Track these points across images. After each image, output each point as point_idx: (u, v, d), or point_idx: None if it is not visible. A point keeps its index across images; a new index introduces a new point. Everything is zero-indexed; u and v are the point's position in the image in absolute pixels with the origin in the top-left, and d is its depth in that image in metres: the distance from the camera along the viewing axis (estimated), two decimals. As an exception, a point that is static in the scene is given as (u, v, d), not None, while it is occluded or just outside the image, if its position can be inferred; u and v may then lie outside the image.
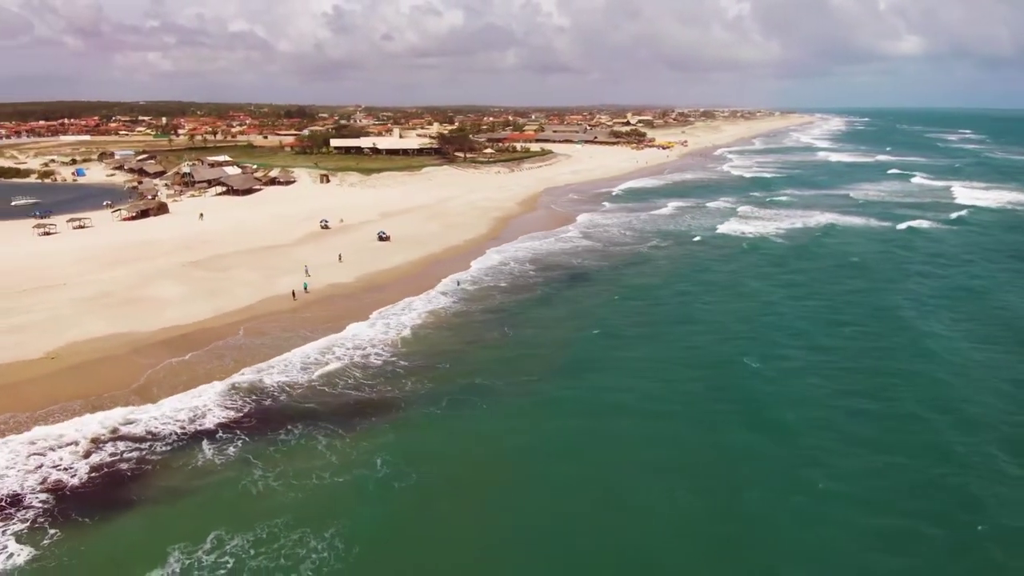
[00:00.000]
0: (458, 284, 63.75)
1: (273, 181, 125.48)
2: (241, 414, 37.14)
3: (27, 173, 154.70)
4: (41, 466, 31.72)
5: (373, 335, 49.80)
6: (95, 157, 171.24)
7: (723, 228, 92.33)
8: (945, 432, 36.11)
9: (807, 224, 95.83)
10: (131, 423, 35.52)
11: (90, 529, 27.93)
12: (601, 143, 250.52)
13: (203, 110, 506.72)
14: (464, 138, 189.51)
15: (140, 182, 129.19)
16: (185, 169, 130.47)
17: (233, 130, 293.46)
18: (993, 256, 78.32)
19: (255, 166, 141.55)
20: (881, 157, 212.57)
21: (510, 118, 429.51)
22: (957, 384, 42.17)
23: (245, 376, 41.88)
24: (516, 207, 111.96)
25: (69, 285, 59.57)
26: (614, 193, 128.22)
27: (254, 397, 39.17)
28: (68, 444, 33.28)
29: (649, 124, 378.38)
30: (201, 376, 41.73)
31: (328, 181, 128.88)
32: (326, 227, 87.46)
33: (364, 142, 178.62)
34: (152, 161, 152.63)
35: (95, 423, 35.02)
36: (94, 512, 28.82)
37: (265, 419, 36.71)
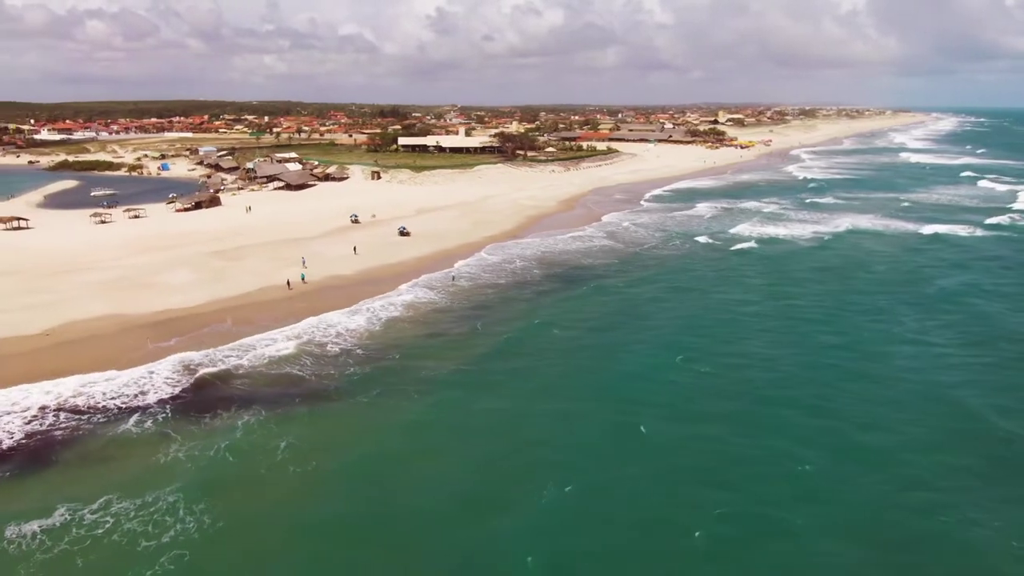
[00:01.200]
0: (453, 280, 65.15)
1: (328, 177, 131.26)
2: (182, 391, 39.93)
3: (119, 167, 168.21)
4: (-14, 427, 35.44)
5: (344, 324, 51.93)
6: (183, 153, 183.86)
7: (736, 229, 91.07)
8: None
9: (824, 228, 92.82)
10: (80, 394, 38.93)
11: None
12: (676, 142, 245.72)
13: (308, 110, 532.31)
14: (523, 137, 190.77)
15: (209, 176, 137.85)
16: (249, 165, 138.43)
17: (322, 129, 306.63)
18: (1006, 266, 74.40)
19: (317, 162, 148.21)
20: (967, 159, 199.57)
21: (599, 116, 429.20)
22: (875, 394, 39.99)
23: (202, 355, 44.85)
24: (555, 205, 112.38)
25: (95, 269, 65.10)
26: (658, 194, 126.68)
27: (201, 376, 41.90)
28: (20, 410, 36.91)
29: (740, 123, 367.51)
30: (162, 352, 45.11)
31: (379, 178, 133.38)
32: (356, 221, 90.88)
33: (428, 140, 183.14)
34: (229, 157, 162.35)
35: (49, 392, 38.65)
36: (11, 470, 32.06)
37: (201, 398, 39.31)
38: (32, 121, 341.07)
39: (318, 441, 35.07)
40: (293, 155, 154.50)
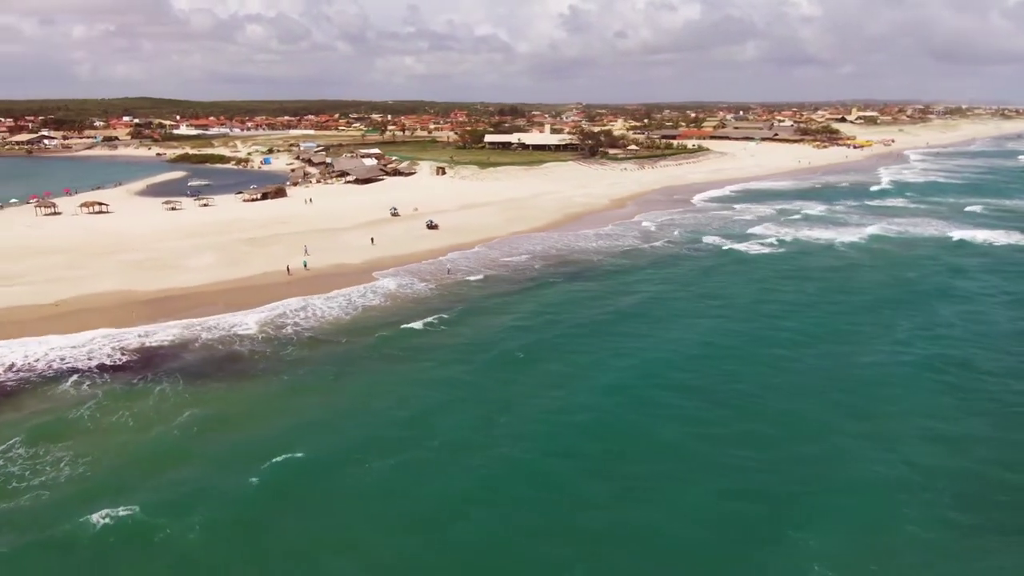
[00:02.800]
0: (448, 272, 67.03)
1: (396, 172, 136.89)
2: (128, 359, 44.33)
3: (229, 160, 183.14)
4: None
5: (316, 309, 54.97)
6: (288, 149, 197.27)
7: (757, 230, 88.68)
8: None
9: (847, 235, 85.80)
10: (48, 354, 44.46)
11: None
12: (782, 141, 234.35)
13: (435, 108, 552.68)
14: (606, 134, 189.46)
15: (293, 170, 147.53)
16: (328, 160, 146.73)
17: (431, 127, 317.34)
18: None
19: (396, 158, 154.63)
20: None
21: (722, 114, 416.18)
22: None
23: (167, 328, 49.46)
24: (606, 203, 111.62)
25: (135, 251, 72.48)
26: (720, 194, 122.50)
27: (149, 346, 46.27)
28: (-8, 366, 42.70)
29: (872, 121, 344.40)
30: (142, 320, 50.37)
31: (443, 173, 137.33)
32: (395, 215, 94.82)
33: (512, 138, 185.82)
34: (322, 153, 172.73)
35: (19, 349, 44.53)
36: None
37: (137, 365, 43.39)
38: (177, 117, 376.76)
39: (217, 411, 37.92)
40: (375, 151, 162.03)
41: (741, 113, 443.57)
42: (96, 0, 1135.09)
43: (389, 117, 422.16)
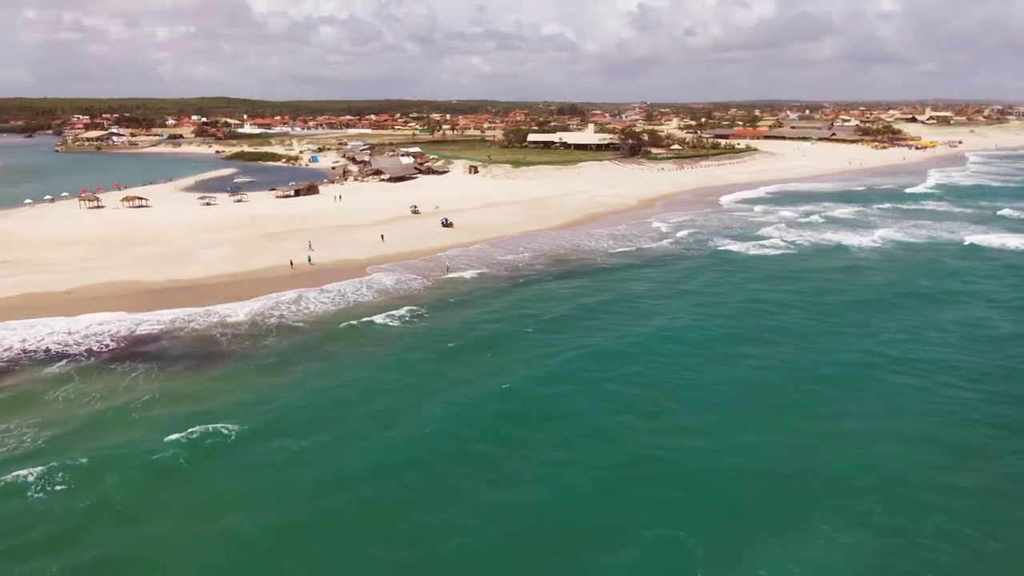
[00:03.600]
0: (447, 269, 68.14)
1: (430, 171, 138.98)
2: (115, 345, 46.99)
3: (280, 157, 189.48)
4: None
5: (308, 301, 56.74)
6: (336, 147, 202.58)
7: (770, 231, 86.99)
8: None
9: (856, 236, 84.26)
10: (49, 336, 47.69)
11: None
12: (839, 141, 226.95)
13: (496, 108, 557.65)
14: (643, 133, 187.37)
15: (333, 168, 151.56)
16: (365, 158, 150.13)
17: (485, 127, 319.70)
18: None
19: (434, 156, 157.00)
20: None
21: (786, 113, 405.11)
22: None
23: (157, 316, 52.12)
24: (634, 203, 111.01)
25: (157, 243, 76.29)
26: (752, 195, 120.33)
27: (138, 335, 48.84)
28: (-7, 346, 46.02)
29: (946, 121, 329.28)
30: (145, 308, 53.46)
31: (476, 172, 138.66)
32: (416, 212, 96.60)
33: (554, 137, 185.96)
34: (367, 151, 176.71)
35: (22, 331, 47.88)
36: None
37: (129, 351, 46.03)
38: (245, 116, 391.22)
39: (176, 390, 40.02)
40: (415, 150, 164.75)
41: (807, 112, 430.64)
42: (179, 3, 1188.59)
43: (448, 116, 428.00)
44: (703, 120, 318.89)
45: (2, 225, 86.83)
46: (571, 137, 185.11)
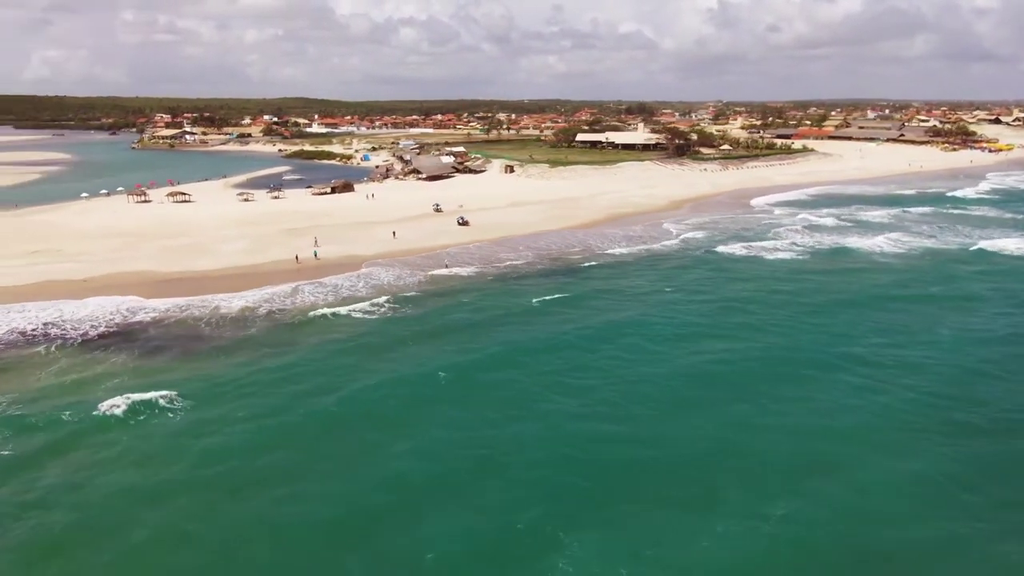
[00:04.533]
0: (446, 265, 69.50)
1: (467, 170, 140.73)
2: (109, 328, 50.36)
3: (334, 156, 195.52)
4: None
5: (302, 293, 59.11)
6: (389, 147, 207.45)
7: (783, 231, 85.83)
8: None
9: (870, 240, 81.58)
10: (55, 318, 51.69)
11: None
12: (907, 142, 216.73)
13: (567, 108, 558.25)
14: (691, 133, 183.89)
15: (377, 167, 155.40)
16: (407, 157, 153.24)
17: (543, 126, 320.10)
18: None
19: (478, 156, 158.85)
20: None
21: (868, 112, 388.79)
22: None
23: (157, 304, 55.44)
24: (663, 204, 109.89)
25: (182, 236, 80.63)
26: (790, 198, 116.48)
27: (137, 321, 52.06)
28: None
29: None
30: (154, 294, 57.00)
31: (512, 171, 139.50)
32: (438, 210, 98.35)
33: (601, 137, 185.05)
34: (416, 150, 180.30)
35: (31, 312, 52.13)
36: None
37: (118, 335, 49.24)
38: (316, 116, 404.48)
39: (138, 369, 42.96)
40: (459, 149, 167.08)
41: (887, 112, 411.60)
42: (267, 6, 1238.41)
43: (512, 116, 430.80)
44: (769, 119, 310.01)
45: (51, 217, 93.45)
46: (618, 137, 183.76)
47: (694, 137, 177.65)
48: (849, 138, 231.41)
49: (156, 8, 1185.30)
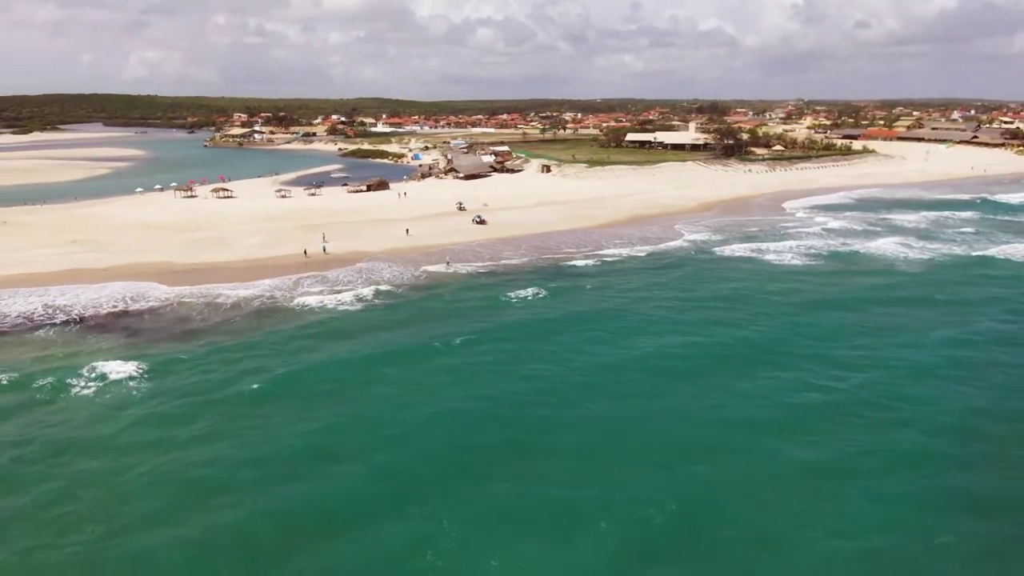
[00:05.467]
0: (447, 263, 71.02)
1: (504, 169, 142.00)
2: (110, 312, 54.15)
3: (389, 155, 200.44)
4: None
5: (300, 285, 61.89)
6: (440, 145, 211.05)
7: (796, 232, 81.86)
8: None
9: (888, 246, 78.46)
10: (67, 300, 56.04)
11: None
12: (980, 144, 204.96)
13: (638, 107, 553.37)
14: (740, 133, 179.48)
15: (420, 165, 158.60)
16: (449, 156, 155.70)
17: (603, 126, 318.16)
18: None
19: (521, 155, 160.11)
20: None
21: (955, 114, 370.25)
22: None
23: (162, 291, 59.20)
24: (693, 206, 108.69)
25: (209, 230, 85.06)
26: (825, 201, 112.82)
27: (137, 308, 55.71)
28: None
29: None
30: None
31: (548, 171, 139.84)
32: (461, 208, 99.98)
33: (650, 136, 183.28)
34: (465, 150, 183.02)
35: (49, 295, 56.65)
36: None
37: (116, 319, 52.94)
38: (385, 116, 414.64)
39: (126, 356, 45.65)
40: (503, 148, 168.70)
41: (972, 112, 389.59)
42: (350, 9, 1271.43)
43: (578, 116, 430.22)
44: (840, 119, 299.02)
45: (100, 210, 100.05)
46: (667, 137, 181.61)
47: (744, 137, 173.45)
48: (920, 139, 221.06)
49: (246, 11, 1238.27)
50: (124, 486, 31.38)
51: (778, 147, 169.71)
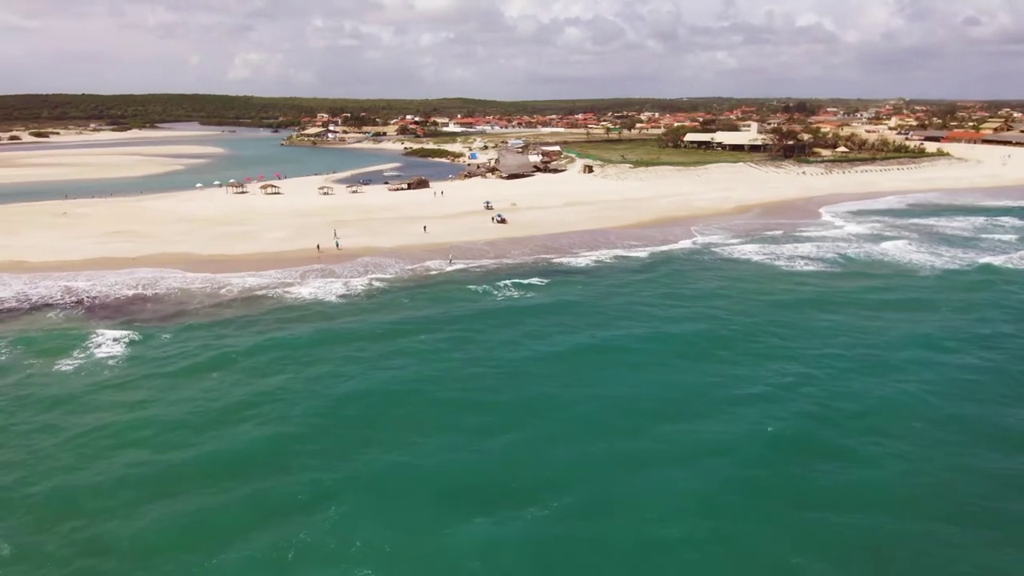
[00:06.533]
0: (450, 260, 72.65)
1: (547, 169, 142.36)
2: (120, 296, 58.54)
3: (446, 154, 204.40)
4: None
5: (303, 277, 64.91)
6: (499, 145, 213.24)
7: (816, 234, 77.36)
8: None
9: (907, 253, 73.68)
10: (93, 285, 61.19)
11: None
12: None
13: (722, 106, 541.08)
14: (800, 134, 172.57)
15: (468, 164, 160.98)
16: (494, 155, 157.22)
17: (676, 125, 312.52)
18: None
19: (570, 153, 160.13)
20: None
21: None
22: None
23: (176, 277, 63.52)
24: (730, 208, 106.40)
25: (242, 224, 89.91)
26: (874, 206, 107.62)
27: (146, 294, 59.91)
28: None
29: None
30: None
31: (590, 171, 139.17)
32: (488, 208, 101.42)
33: (707, 136, 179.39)
34: (520, 150, 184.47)
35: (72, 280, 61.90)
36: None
37: (127, 303, 57.17)
38: (459, 115, 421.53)
39: (116, 334, 49.58)
40: (555, 148, 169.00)
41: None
42: (441, 11, 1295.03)
43: (657, 115, 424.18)
44: (929, 120, 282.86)
45: (153, 204, 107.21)
46: (726, 137, 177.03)
47: (806, 138, 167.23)
48: (1007, 142, 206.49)
49: (343, 15, 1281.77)
50: (65, 432, 36.04)
51: (842, 148, 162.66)
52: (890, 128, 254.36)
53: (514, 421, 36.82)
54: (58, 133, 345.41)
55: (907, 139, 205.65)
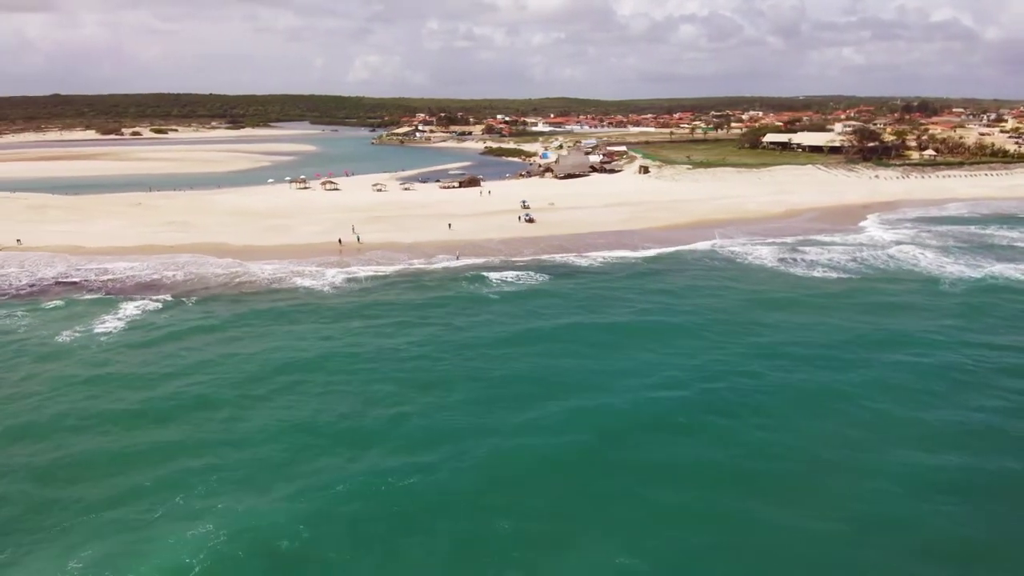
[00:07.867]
0: (457, 257, 74.51)
1: (603, 170, 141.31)
2: (140, 281, 64.08)
3: (519, 153, 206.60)
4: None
5: (315, 266, 68.72)
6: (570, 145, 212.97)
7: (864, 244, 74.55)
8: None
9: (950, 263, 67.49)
10: (124, 270, 67.13)
11: None
12: None
13: (841, 104, 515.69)
14: (883, 135, 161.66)
15: (531, 163, 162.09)
16: (562, 155, 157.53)
17: (768, 124, 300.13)
18: None
19: (637, 154, 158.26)
20: None
21: None
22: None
23: (203, 265, 68.89)
24: (777, 212, 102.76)
25: (286, 217, 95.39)
26: (936, 214, 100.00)
27: (165, 279, 65.20)
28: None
29: None
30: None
31: (645, 172, 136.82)
32: (525, 207, 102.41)
33: (784, 138, 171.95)
34: (589, 150, 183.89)
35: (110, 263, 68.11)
36: None
37: (144, 287, 62.41)
38: (553, 115, 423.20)
39: (118, 312, 54.66)
40: (619, 148, 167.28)
41: None
42: (553, 12, 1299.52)
43: (759, 114, 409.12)
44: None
45: (217, 197, 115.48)
46: (806, 138, 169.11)
47: (888, 139, 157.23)
48: None
49: (457, 17, 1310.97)
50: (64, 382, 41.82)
51: (929, 152, 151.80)
52: (1004, 131, 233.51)
53: (412, 396, 39.51)
54: (176, 130, 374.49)
55: (1017, 143, 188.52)
